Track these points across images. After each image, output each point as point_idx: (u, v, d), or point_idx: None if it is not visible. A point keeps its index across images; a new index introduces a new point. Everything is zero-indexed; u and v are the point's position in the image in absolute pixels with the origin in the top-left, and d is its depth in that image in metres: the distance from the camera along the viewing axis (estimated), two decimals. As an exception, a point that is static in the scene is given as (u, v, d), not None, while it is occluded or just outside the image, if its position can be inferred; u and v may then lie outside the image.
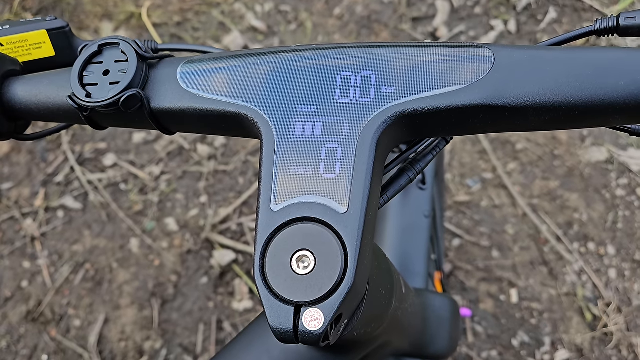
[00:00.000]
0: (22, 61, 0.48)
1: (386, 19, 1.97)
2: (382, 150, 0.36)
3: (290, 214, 0.34)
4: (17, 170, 1.75)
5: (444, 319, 0.72)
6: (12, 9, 1.99)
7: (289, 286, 0.32)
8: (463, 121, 0.35)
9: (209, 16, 1.98)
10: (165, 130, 0.42)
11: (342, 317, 0.33)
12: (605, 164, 1.71)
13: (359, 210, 0.33)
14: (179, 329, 1.53)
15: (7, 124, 0.44)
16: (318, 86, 0.37)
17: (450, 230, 1.63)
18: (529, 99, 0.33)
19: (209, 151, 1.75)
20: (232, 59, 0.40)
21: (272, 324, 0.32)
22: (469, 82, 0.34)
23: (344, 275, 0.32)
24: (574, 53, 0.34)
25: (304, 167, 0.35)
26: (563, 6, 1.97)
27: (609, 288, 1.57)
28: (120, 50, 0.40)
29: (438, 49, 0.36)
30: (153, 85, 0.40)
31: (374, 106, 0.35)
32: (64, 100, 0.41)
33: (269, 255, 0.33)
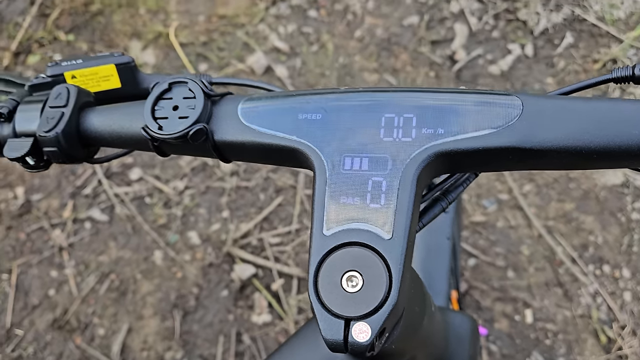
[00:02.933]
0: (92, 92, 0.54)
1: (405, 42, 2.02)
2: (421, 183, 0.40)
3: (340, 238, 0.38)
4: (47, 183, 1.81)
5: (464, 337, 0.76)
6: (45, 27, 2.07)
7: (339, 302, 0.36)
8: (493, 160, 0.40)
9: (234, 36, 2.05)
10: (224, 159, 0.47)
11: (385, 330, 0.37)
12: (621, 188, 1.73)
13: (402, 237, 0.37)
14: (200, 340, 1.57)
15: (82, 150, 0.50)
16: (365, 126, 0.41)
17: (466, 250, 1.66)
18: (553, 143, 0.38)
19: (231, 168, 1.80)
20: (288, 98, 0.44)
21: (324, 335, 0.36)
22: (500, 127, 0.39)
23: (389, 293, 0.36)
24: (593, 104, 0.38)
25: (352, 198, 0.39)
26: (580, 31, 2.01)
27: (623, 311, 1.58)
28: (188, 88, 0.45)
29: (472, 95, 0.41)
30: (216, 120, 0.45)
31: (415, 145, 0.40)
32: (137, 130, 0.46)
33: (321, 274, 0.38)
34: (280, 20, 2.09)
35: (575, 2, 2.05)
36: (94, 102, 0.51)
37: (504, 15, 2.05)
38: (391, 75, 1.95)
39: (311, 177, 1.79)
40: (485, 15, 2.05)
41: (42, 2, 2.13)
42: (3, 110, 0.49)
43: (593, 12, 2.03)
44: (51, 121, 0.47)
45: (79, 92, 0.49)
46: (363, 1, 2.11)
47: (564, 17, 2.02)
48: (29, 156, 0.48)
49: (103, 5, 2.13)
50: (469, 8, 2.07)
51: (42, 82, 0.53)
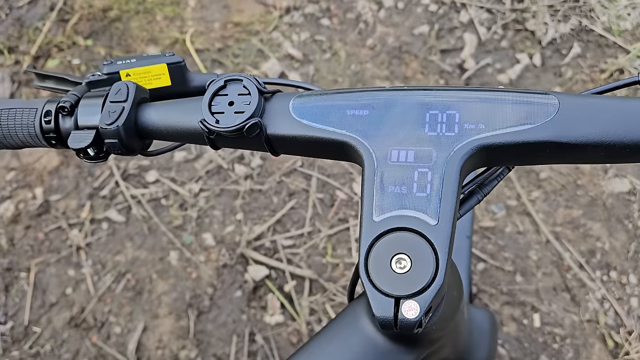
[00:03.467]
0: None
1: (416, 50, 2.06)
2: (464, 175, 0.43)
3: (389, 224, 0.42)
4: (66, 183, 1.85)
5: (485, 331, 0.79)
6: (64, 32, 2.12)
7: (389, 282, 0.40)
8: (531, 154, 0.43)
9: (249, 43, 2.10)
10: (274, 152, 0.50)
11: (431, 309, 0.40)
12: (628, 195, 1.76)
13: (448, 222, 0.41)
14: (213, 339, 1.60)
15: (139, 143, 0.53)
16: (410, 121, 0.45)
17: (475, 254, 1.69)
18: (588, 138, 0.41)
19: (245, 171, 1.84)
20: (337, 95, 0.48)
21: (376, 313, 0.39)
22: (538, 123, 0.42)
23: (436, 274, 0.40)
24: (623, 102, 0.42)
25: (399, 187, 0.43)
26: (587, 41, 2.05)
27: (631, 316, 1.61)
28: (242, 85, 0.49)
29: (512, 94, 0.44)
30: (269, 115, 0.48)
31: (458, 139, 0.43)
32: (193, 124, 0.50)
33: (371, 257, 0.41)
34: (293, 28, 2.13)
35: (583, 13, 2.10)
36: (149, 99, 0.55)
37: (513, 25, 2.10)
38: (402, 83, 1.99)
39: (323, 182, 1.83)
40: (494, 25, 2.09)
41: (62, 8, 2.18)
42: (66, 104, 0.52)
43: (600, 23, 2.07)
44: (113, 115, 0.50)
45: (137, 88, 0.53)
46: (375, 10, 2.16)
47: (572, 27, 2.07)
48: (91, 147, 0.51)
49: (121, 11, 2.18)
50: (478, 18, 2.12)
51: (99, 79, 0.57)
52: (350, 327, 0.53)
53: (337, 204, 1.78)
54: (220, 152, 1.88)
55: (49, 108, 0.53)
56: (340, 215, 1.76)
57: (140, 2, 2.18)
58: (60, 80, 0.61)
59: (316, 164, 1.85)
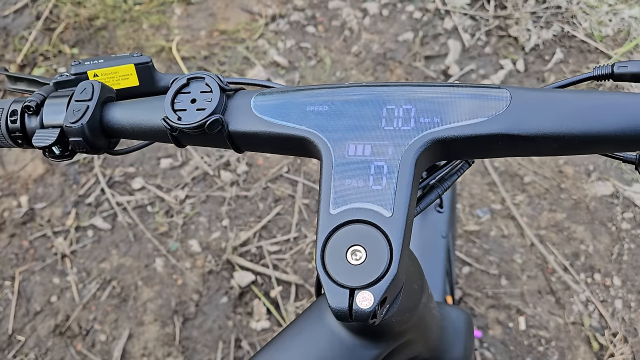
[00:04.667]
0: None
1: (400, 57, 2.08)
2: (419, 168, 0.44)
3: (345, 216, 0.42)
4: (51, 191, 1.85)
5: (460, 329, 0.79)
6: (50, 41, 2.13)
7: (345, 274, 0.40)
8: (485, 147, 0.44)
9: (234, 51, 2.11)
10: (237, 149, 0.51)
11: (386, 300, 0.41)
12: (611, 198, 1.78)
13: (402, 214, 0.42)
14: (199, 346, 1.60)
15: (104, 141, 0.54)
16: (368, 116, 0.46)
17: (460, 258, 1.70)
18: (538, 130, 0.42)
19: (231, 177, 1.84)
20: (297, 92, 0.49)
21: (331, 304, 0.40)
22: (490, 116, 0.43)
23: (390, 265, 0.40)
24: (574, 94, 0.43)
25: (356, 180, 0.44)
26: (569, 47, 2.08)
27: (615, 318, 1.61)
28: (205, 83, 0.50)
29: (465, 88, 0.45)
30: (231, 112, 0.49)
31: (414, 133, 0.44)
32: (156, 122, 0.50)
33: (328, 249, 0.42)
34: (279, 35, 2.15)
35: (565, 20, 2.13)
36: (115, 98, 0.56)
37: (496, 31, 2.12)
38: (387, 89, 2.01)
39: (309, 187, 1.84)
40: (478, 32, 2.12)
41: (48, 17, 2.19)
42: (32, 104, 0.53)
43: (582, 29, 2.10)
44: (77, 113, 0.51)
45: (102, 87, 0.53)
46: (359, 18, 2.18)
47: (554, 33, 2.09)
48: (56, 145, 0.52)
49: (107, 20, 2.19)
50: (462, 25, 2.14)
51: (67, 79, 0.57)
52: (316, 322, 0.54)
53: (322, 210, 1.78)
54: (206, 159, 1.88)
55: (15, 107, 0.54)
56: (326, 220, 1.77)
57: (126, 10, 2.19)
58: (31, 82, 0.61)
59: (302, 169, 1.86)
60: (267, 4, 2.23)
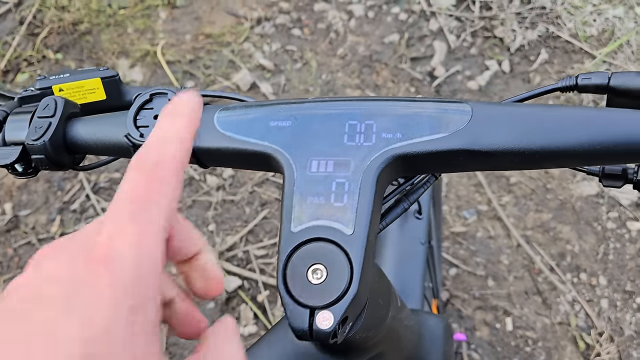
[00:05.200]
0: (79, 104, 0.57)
1: (386, 59, 2.08)
2: (381, 184, 0.44)
3: (306, 234, 0.42)
4: (35, 198, 1.84)
5: (438, 337, 0.79)
6: (34, 46, 2.11)
7: (305, 293, 0.40)
8: (446, 162, 0.44)
9: (220, 54, 2.10)
10: (201, 164, 0.51)
11: (347, 319, 0.41)
12: (596, 198, 1.79)
13: (363, 232, 0.41)
14: (187, 352, 1.59)
15: (69, 157, 0.53)
16: (330, 131, 0.45)
17: (447, 260, 1.70)
18: (499, 145, 0.42)
19: (217, 182, 1.84)
20: (260, 107, 0.48)
21: (291, 323, 0.40)
22: (451, 131, 0.43)
23: (350, 284, 0.40)
24: (535, 109, 0.43)
25: (318, 197, 0.43)
26: (554, 48, 2.08)
27: (601, 318, 1.62)
28: (167, 99, 0.49)
29: (427, 103, 0.45)
30: None
31: (375, 149, 0.44)
32: (120, 138, 0.50)
33: (289, 268, 0.41)
34: (264, 38, 2.14)
35: (550, 20, 2.13)
36: (80, 113, 0.55)
37: (482, 32, 2.13)
38: (373, 91, 2.01)
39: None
40: (463, 33, 2.12)
41: (31, 22, 2.17)
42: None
43: (567, 30, 2.11)
44: (39, 130, 0.50)
45: (65, 103, 0.53)
46: (345, 20, 2.18)
47: (539, 34, 2.10)
48: (18, 163, 0.51)
49: (91, 24, 2.17)
50: (448, 26, 2.14)
51: (31, 94, 0.56)
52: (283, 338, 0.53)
53: (309, 213, 1.78)
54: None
55: None
56: (313, 224, 1.77)
57: (110, 15, 2.18)
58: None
59: (288, 173, 1.86)
60: (252, 7, 2.23)
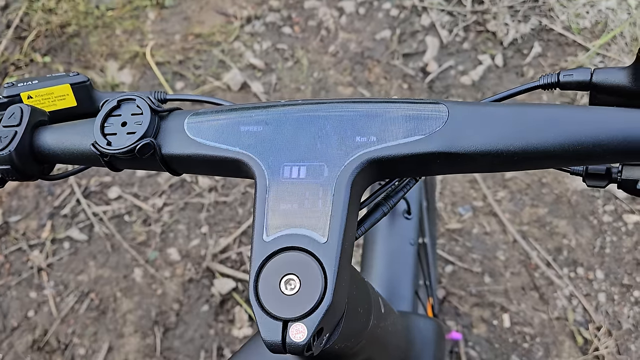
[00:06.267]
0: (48, 111, 0.55)
1: (378, 55, 2.06)
2: (357, 189, 0.42)
3: (279, 243, 0.40)
4: (25, 204, 1.82)
5: (429, 340, 0.78)
6: (22, 50, 2.09)
7: (278, 305, 0.38)
8: (423, 165, 0.42)
9: (210, 54, 2.08)
10: (174, 172, 0.49)
11: (323, 330, 0.39)
12: (592, 191, 1.77)
13: (337, 240, 0.39)
14: (181, 356, 1.57)
15: (37, 167, 0.51)
16: (303, 136, 0.43)
17: (442, 257, 1.69)
18: (476, 147, 0.40)
19: (209, 183, 1.82)
20: (232, 112, 0.47)
21: (264, 337, 0.38)
22: (427, 133, 0.41)
23: (324, 295, 0.38)
24: (513, 109, 0.41)
25: (291, 204, 0.41)
26: (548, 41, 2.06)
27: (599, 312, 1.61)
28: (136, 105, 0.47)
29: (403, 105, 0.43)
30: (164, 135, 0.47)
31: (349, 153, 0.42)
32: (88, 147, 0.48)
33: (261, 279, 0.40)
34: (255, 37, 2.12)
35: (542, 13, 2.11)
36: (48, 121, 0.53)
37: (474, 27, 2.11)
38: (365, 89, 1.99)
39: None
40: (456, 28, 2.10)
41: (18, 25, 2.15)
42: None
43: (560, 22, 2.09)
44: (4, 140, 0.48)
45: (32, 111, 0.51)
46: (336, 17, 2.16)
47: (532, 27, 2.08)
48: None
49: (79, 26, 2.15)
50: (440, 21, 2.12)
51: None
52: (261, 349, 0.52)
53: (302, 213, 1.76)
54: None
55: None
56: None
57: (98, 16, 2.15)
58: (-35, 105, 0.58)
59: (281, 173, 1.84)
60: (242, 6, 2.21)
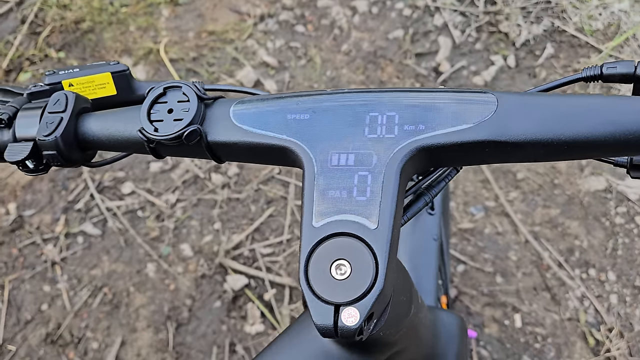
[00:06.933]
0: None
1: (391, 55, 2.07)
2: (405, 177, 0.43)
3: (329, 229, 0.41)
4: (39, 198, 1.82)
5: (453, 334, 0.78)
6: (36, 45, 2.10)
7: (329, 289, 0.39)
8: (471, 154, 0.43)
9: (223, 52, 2.09)
10: (217, 159, 0.49)
11: (373, 315, 0.39)
12: (604, 193, 1.77)
13: (387, 226, 0.40)
14: (193, 351, 1.58)
15: (80, 154, 0.52)
16: (351, 124, 0.44)
17: (455, 257, 1.69)
18: (525, 136, 0.41)
19: (222, 180, 1.82)
20: (277, 100, 0.47)
21: (316, 321, 0.38)
22: (476, 122, 0.42)
23: (376, 279, 0.39)
24: (562, 99, 0.42)
25: (339, 191, 0.42)
26: (560, 42, 2.07)
27: (610, 313, 1.61)
28: (182, 92, 0.48)
29: (451, 94, 0.44)
30: (210, 122, 0.47)
31: (398, 141, 0.42)
32: (133, 133, 0.49)
33: (311, 264, 0.40)
34: (268, 35, 2.13)
35: (555, 14, 2.12)
36: (91, 108, 0.54)
37: (486, 27, 2.11)
38: (378, 87, 1.99)
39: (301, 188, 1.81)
40: (468, 28, 2.10)
41: (33, 21, 2.16)
42: (3, 117, 0.51)
43: (572, 24, 2.09)
44: (50, 126, 0.49)
45: (76, 98, 0.51)
46: (349, 16, 2.16)
47: (545, 28, 2.08)
48: (29, 159, 0.50)
49: (94, 23, 2.16)
50: (452, 21, 2.13)
51: (41, 89, 0.55)
52: (303, 335, 0.52)
53: (315, 211, 1.76)
54: (197, 162, 1.86)
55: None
56: (319, 221, 1.75)
57: (113, 13, 2.16)
58: (4, 92, 0.59)
59: (294, 170, 1.84)
60: (255, 4, 2.21)
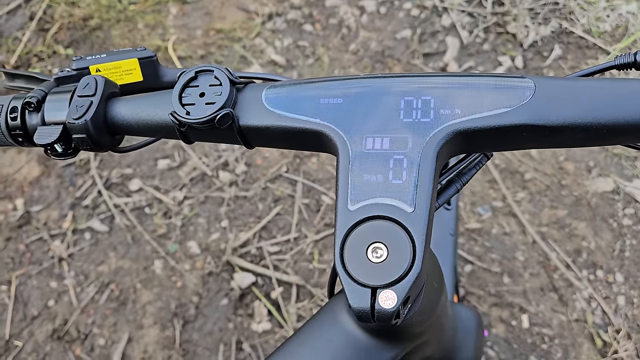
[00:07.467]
0: (117, 84, 0.56)
1: (399, 54, 2.07)
2: (440, 161, 0.43)
3: (365, 212, 0.41)
4: (47, 194, 1.82)
5: (471, 330, 0.78)
6: (45, 42, 2.10)
7: (365, 272, 0.39)
8: (508, 138, 0.42)
9: (231, 50, 2.09)
10: (247, 144, 0.49)
11: (409, 299, 0.39)
12: (612, 194, 1.77)
13: (424, 210, 0.40)
14: (200, 349, 1.57)
15: (109, 138, 0.52)
16: (385, 108, 0.44)
17: (462, 257, 1.69)
18: (565, 120, 0.41)
19: (230, 177, 1.82)
20: (310, 84, 0.47)
21: (352, 304, 0.38)
22: (514, 106, 0.42)
23: (413, 263, 0.38)
24: (600, 83, 0.41)
25: (375, 175, 0.42)
26: (568, 43, 2.07)
27: (618, 315, 1.61)
28: (214, 76, 0.48)
29: (487, 78, 0.43)
30: (241, 106, 0.47)
31: (434, 125, 0.42)
32: (163, 117, 0.49)
33: (347, 247, 0.40)
34: (276, 34, 2.13)
35: (563, 16, 2.12)
36: (119, 93, 0.54)
37: (494, 28, 2.11)
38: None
39: (308, 187, 1.82)
40: (476, 29, 2.10)
41: (41, 17, 2.16)
42: (32, 100, 0.51)
43: (580, 25, 2.09)
44: (80, 109, 0.49)
45: (106, 82, 0.51)
46: (357, 15, 2.16)
47: (552, 30, 2.08)
48: (58, 143, 0.50)
49: (102, 20, 2.16)
50: (460, 22, 2.13)
51: (68, 74, 0.55)
52: (330, 323, 0.52)
53: (323, 209, 1.77)
54: (204, 159, 1.86)
55: (15, 104, 0.52)
56: (327, 220, 1.75)
57: (121, 10, 2.16)
58: (30, 79, 0.59)
59: (301, 169, 1.84)
60: (263, 3, 2.22)
